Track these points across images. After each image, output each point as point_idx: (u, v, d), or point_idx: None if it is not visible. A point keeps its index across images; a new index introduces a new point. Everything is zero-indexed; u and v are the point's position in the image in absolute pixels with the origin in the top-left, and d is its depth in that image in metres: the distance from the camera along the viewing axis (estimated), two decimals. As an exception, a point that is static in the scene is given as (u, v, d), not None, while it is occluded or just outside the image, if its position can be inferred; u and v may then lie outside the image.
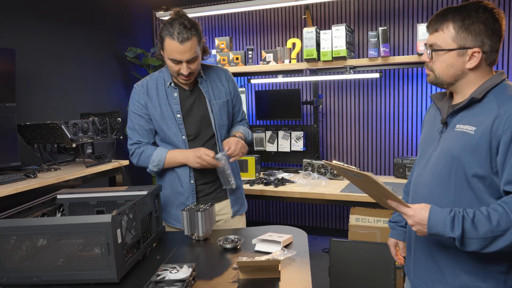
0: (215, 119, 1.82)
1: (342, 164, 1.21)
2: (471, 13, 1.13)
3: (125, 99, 3.99)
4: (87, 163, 2.78)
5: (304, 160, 3.21)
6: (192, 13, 3.28)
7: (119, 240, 1.23)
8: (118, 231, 1.23)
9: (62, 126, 2.52)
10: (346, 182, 2.94)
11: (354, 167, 1.18)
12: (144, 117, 1.80)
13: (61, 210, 1.61)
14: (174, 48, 1.61)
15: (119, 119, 3.04)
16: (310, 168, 3.16)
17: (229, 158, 1.75)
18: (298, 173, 3.14)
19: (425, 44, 1.24)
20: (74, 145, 2.61)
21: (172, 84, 1.79)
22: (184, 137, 1.79)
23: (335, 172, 3.05)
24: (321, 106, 3.49)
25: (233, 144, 1.74)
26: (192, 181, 1.80)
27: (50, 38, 3.17)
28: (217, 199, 1.85)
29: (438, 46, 1.18)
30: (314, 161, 3.16)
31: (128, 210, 1.33)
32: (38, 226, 1.21)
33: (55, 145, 2.82)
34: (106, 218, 1.19)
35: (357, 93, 3.57)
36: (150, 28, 4.32)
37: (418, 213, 1.11)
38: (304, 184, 2.88)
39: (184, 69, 1.66)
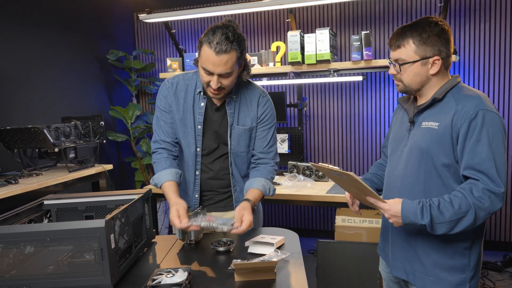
0: (231, 145, 1.71)
1: (327, 165, 1.36)
2: (425, 28, 1.31)
3: (106, 103, 3.93)
4: (70, 168, 2.72)
5: (289, 162, 3.23)
6: (176, 16, 3.26)
7: (113, 245, 1.22)
8: (112, 236, 1.21)
9: (44, 130, 2.47)
10: (331, 183, 2.98)
11: (337, 168, 1.31)
12: (170, 113, 1.71)
13: (48, 216, 1.57)
14: (209, 57, 1.49)
15: (102, 122, 2.99)
16: (295, 170, 3.18)
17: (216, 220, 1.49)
18: (283, 175, 3.15)
19: (389, 59, 1.41)
20: (56, 150, 2.56)
21: (202, 93, 1.68)
22: (198, 149, 1.71)
23: (320, 173, 3.09)
24: (305, 108, 3.53)
25: (245, 222, 1.46)
26: (196, 195, 1.74)
27: (29, 41, 3.10)
28: (227, 208, 1.78)
29: (403, 60, 1.34)
30: (299, 163, 3.19)
31: (120, 214, 1.31)
32: (29, 233, 1.18)
33: (36, 150, 2.75)
34: (99, 223, 1.17)
35: (340, 96, 3.63)
36: (131, 31, 4.28)
37: (392, 207, 1.27)
38: (290, 186, 2.89)
39: (213, 82, 1.53)
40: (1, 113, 2.75)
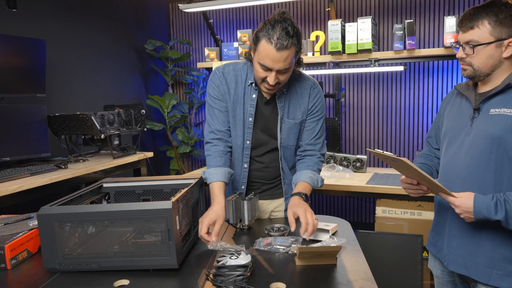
0: (281, 138, 1.69)
1: (381, 151, 1.34)
2: (501, 8, 1.26)
3: (143, 92, 4.00)
4: (114, 155, 2.79)
5: (326, 152, 3.21)
6: (213, 6, 3.27)
7: (178, 227, 1.25)
8: (177, 217, 1.24)
9: (92, 117, 2.53)
10: (370, 174, 2.95)
11: (391, 154, 1.32)
12: (224, 101, 1.67)
13: (106, 198, 1.62)
14: (269, 53, 1.44)
15: (143, 111, 3.05)
16: (332, 161, 3.17)
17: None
18: (320, 165, 3.14)
19: (456, 43, 1.35)
20: (102, 136, 2.63)
21: (253, 84, 1.64)
22: (248, 142, 1.68)
23: (358, 164, 3.06)
24: (342, 99, 3.49)
25: (303, 219, 1.43)
26: (243, 187, 1.74)
27: (72, 30, 3.17)
28: (274, 196, 1.79)
29: (476, 41, 1.29)
30: (336, 154, 3.17)
31: (182, 197, 1.34)
32: (100, 213, 1.22)
33: (82, 137, 2.83)
34: (167, 204, 1.20)
35: (378, 87, 3.57)
36: (166, 21, 4.32)
37: (464, 202, 1.23)
38: (328, 176, 2.88)
39: (271, 78, 1.49)
40: (48, 100, 2.84)
